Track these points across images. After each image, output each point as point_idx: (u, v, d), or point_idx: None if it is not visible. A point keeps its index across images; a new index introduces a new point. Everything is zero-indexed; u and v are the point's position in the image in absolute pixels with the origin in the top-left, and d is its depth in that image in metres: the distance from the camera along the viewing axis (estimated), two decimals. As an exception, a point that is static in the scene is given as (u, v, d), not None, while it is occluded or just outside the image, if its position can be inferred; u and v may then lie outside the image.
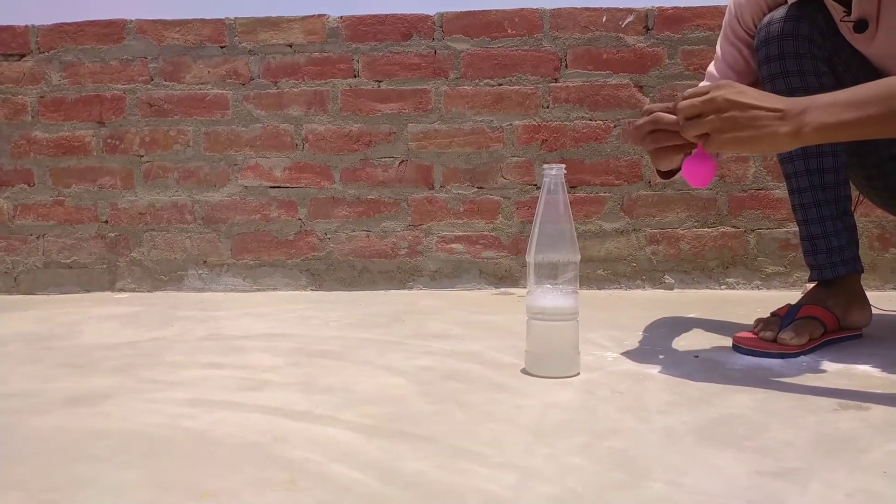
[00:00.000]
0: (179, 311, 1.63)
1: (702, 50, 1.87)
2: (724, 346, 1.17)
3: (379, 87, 1.94)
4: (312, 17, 1.95)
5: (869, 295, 1.24)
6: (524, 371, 1.03)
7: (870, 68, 1.15)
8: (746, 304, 1.59)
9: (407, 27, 1.93)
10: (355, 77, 1.95)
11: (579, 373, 1.01)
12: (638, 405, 0.87)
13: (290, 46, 1.95)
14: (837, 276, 1.19)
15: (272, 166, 1.97)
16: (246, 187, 1.97)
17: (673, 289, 1.89)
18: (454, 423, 0.81)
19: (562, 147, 1.91)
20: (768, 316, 1.19)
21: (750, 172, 1.88)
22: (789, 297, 1.31)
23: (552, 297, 0.99)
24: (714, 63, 1.28)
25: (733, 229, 1.89)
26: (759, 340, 1.11)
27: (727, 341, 1.18)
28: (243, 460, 0.71)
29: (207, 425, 0.81)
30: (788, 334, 1.10)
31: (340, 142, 1.95)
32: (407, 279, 1.95)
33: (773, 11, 1.18)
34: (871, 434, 0.75)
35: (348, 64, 1.94)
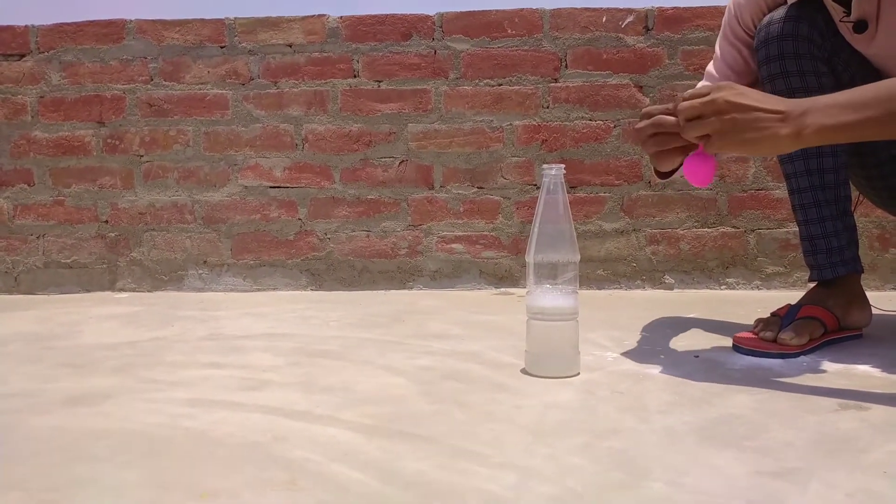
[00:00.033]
0: (179, 311, 1.64)
1: (702, 50, 1.87)
2: (724, 346, 1.17)
3: (379, 87, 1.94)
4: (312, 17, 1.95)
5: (869, 295, 1.24)
6: (524, 371, 1.03)
7: (869, 69, 1.15)
8: (746, 305, 1.59)
9: (407, 27, 1.93)
10: (355, 77, 1.95)
11: (579, 373, 1.01)
12: (638, 405, 0.87)
13: (290, 46, 1.95)
14: (837, 277, 1.19)
15: (272, 166, 1.97)
16: (246, 187, 1.97)
17: (673, 289, 1.89)
18: (454, 423, 0.81)
19: (562, 147, 1.91)
20: (768, 316, 1.19)
21: (750, 172, 1.88)
22: (789, 297, 1.31)
23: (552, 297, 0.99)
24: (713, 62, 1.28)
25: (733, 229, 1.89)
26: (759, 340, 1.11)
27: (727, 341, 1.18)
28: (243, 460, 0.71)
29: (208, 425, 0.81)
30: (788, 334, 1.10)
31: (340, 142, 1.96)
32: (407, 279, 1.95)
33: (772, 12, 1.18)
34: (872, 434, 0.76)
35: (348, 64, 1.94)
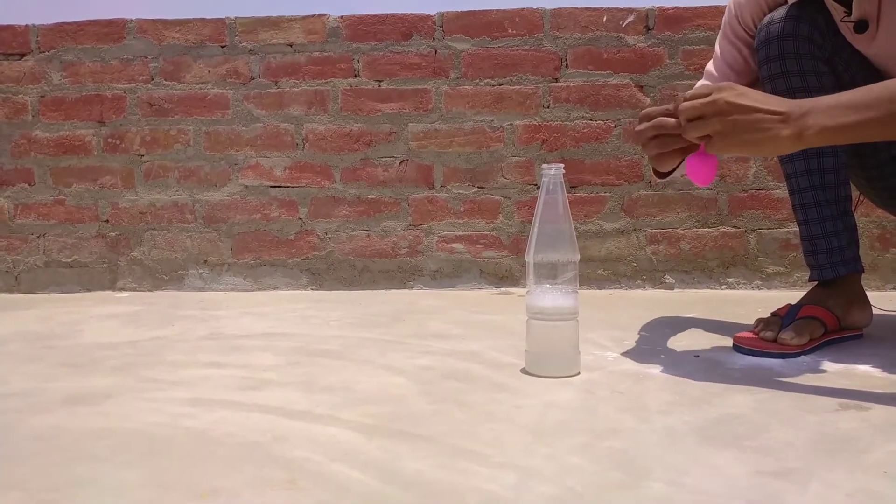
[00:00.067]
0: (180, 311, 1.64)
1: (702, 50, 1.86)
2: (724, 346, 1.17)
3: (379, 86, 1.94)
4: (313, 16, 1.95)
5: (869, 295, 1.24)
6: (524, 371, 1.03)
7: (870, 68, 1.15)
8: (747, 304, 1.59)
9: (407, 27, 1.93)
10: (356, 77, 1.95)
11: (579, 372, 1.01)
12: (638, 405, 0.87)
13: (291, 46, 1.95)
14: (838, 277, 1.19)
15: (273, 166, 1.97)
16: (246, 187, 1.97)
17: (673, 289, 1.89)
18: (454, 423, 0.81)
19: (562, 147, 1.91)
20: (769, 316, 1.19)
21: (750, 172, 1.88)
22: (790, 297, 1.31)
23: (552, 296, 0.99)
24: (713, 61, 1.28)
25: (734, 229, 1.88)
26: (759, 340, 1.11)
27: (727, 341, 1.18)
28: (243, 460, 0.71)
29: (208, 425, 0.81)
30: (789, 334, 1.10)
31: (341, 141, 1.96)
32: (407, 279, 1.95)
33: (773, 11, 1.18)
34: (872, 434, 0.75)
35: (349, 63, 1.94)
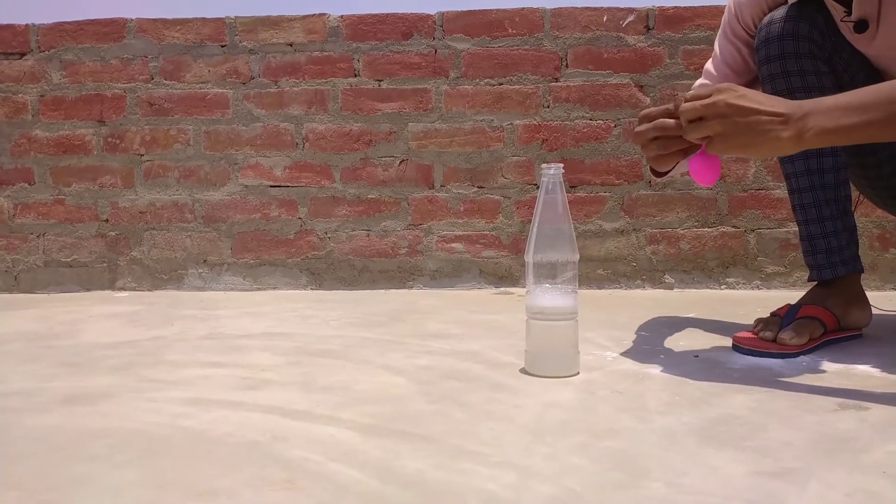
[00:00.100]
0: (179, 310, 1.64)
1: (702, 50, 1.86)
2: (723, 346, 1.17)
3: (379, 86, 1.94)
4: (313, 16, 1.95)
5: (869, 295, 1.24)
6: (524, 371, 1.03)
7: (870, 68, 1.15)
8: (746, 304, 1.59)
9: (407, 26, 1.93)
10: (356, 76, 1.95)
11: (579, 372, 1.01)
12: (637, 405, 0.87)
13: (291, 45, 1.95)
14: (837, 276, 1.19)
15: (272, 165, 1.97)
16: (246, 186, 1.97)
17: (673, 288, 1.89)
18: (454, 423, 0.81)
19: (562, 146, 1.91)
20: (768, 316, 1.19)
21: (750, 172, 1.88)
22: (789, 296, 1.31)
23: (551, 296, 0.99)
24: (712, 61, 1.28)
25: (733, 229, 1.88)
26: (758, 340, 1.11)
27: (727, 341, 1.18)
28: (243, 459, 0.71)
29: (207, 424, 0.81)
30: (788, 334, 1.10)
31: (341, 141, 1.95)
32: (407, 278, 1.95)
33: (773, 11, 1.17)
34: (871, 434, 0.75)
35: (349, 63, 1.94)
